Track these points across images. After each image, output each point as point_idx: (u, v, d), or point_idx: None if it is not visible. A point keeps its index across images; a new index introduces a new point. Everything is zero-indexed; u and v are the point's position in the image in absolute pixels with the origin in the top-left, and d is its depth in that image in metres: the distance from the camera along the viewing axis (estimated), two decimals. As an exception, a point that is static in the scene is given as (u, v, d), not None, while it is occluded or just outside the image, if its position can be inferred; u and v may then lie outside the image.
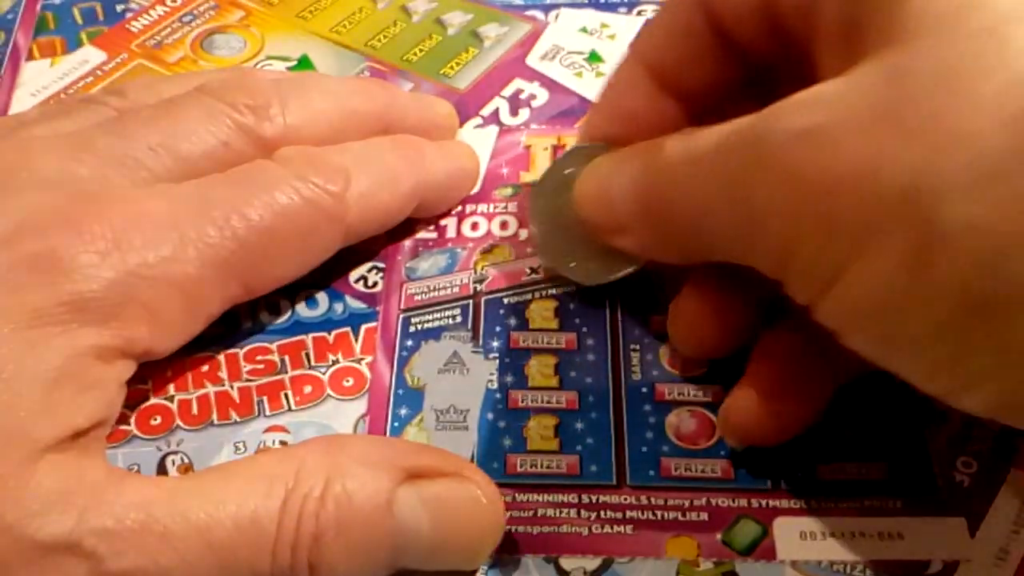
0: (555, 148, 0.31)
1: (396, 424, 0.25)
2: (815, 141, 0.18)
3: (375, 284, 0.28)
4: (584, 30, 0.35)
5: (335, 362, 0.26)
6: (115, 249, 0.21)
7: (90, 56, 0.36)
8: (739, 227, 0.20)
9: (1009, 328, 0.16)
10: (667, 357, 0.26)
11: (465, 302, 0.27)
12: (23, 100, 0.34)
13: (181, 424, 0.25)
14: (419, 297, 0.27)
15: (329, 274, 0.27)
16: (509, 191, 0.30)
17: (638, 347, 0.26)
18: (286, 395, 0.25)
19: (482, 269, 0.28)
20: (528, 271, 0.28)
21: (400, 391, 0.25)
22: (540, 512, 0.23)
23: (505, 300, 0.27)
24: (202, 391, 0.25)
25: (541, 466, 0.24)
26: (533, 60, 0.34)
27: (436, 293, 0.27)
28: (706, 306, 0.24)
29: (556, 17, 0.36)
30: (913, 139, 0.16)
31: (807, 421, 0.23)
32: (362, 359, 0.26)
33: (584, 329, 0.26)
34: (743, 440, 0.23)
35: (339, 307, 0.27)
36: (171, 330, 0.23)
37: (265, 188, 0.24)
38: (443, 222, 0.29)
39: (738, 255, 0.21)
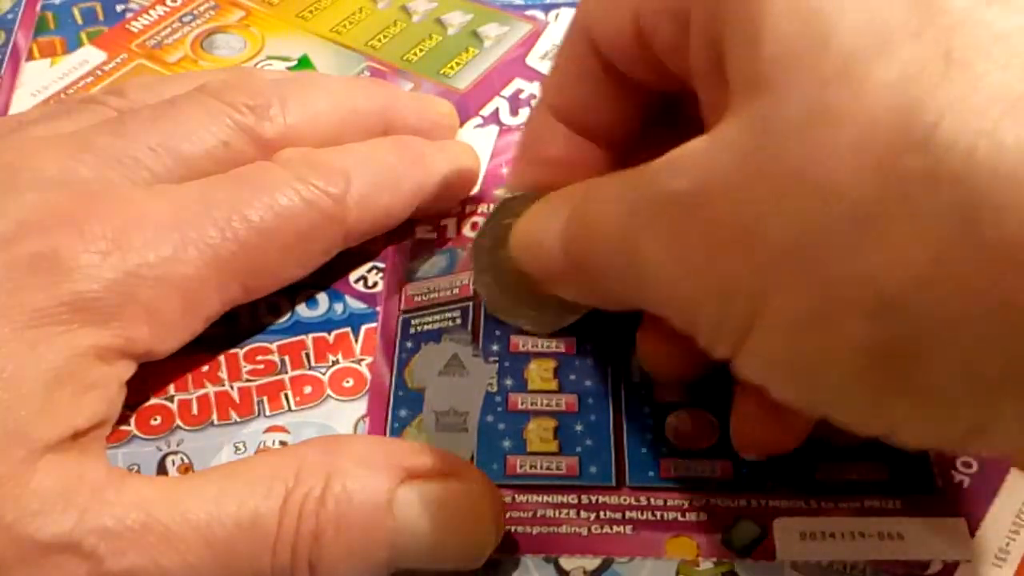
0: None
1: (396, 425, 0.25)
2: (693, 206, 0.17)
3: (375, 284, 0.28)
4: (584, 30, 0.35)
5: (335, 362, 0.26)
6: (116, 249, 0.21)
7: (90, 56, 0.36)
8: (639, 285, 0.20)
9: (914, 374, 0.16)
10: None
11: (465, 304, 0.27)
12: (23, 100, 0.34)
13: (181, 424, 0.25)
14: (419, 298, 0.27)
15: (329, 274, 0.27)
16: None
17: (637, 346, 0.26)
18: (286, 395, 0.25)
19: (482, 269, 0.28)
20: (528, 271, 0.28)
21: (400, 392, 0.25)
22: (540, 512, 0.23)
23: (505, 301, 0.27)
24: (202, 391, 0.25)
25: (541, 467, 0.24)
26: (533, 60, 0.34)
27: (436, 294, 0.27)
28: (665, 336, 0.23)
29: (556, 17, 0.36)
30: (784, 196, 0.16)
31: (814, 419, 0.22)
32: (362, 360, 0.26)
33: (583, 333, 0.26)
34: (761, 452, 0.23)
35: (339, 307, 0.27)
36: (171, 330, 0.23)
37: (266, 190, 0.24)
38: (443, 222, 0.29)
39: (653, 310, 0.20)
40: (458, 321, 0.27)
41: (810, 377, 0.17)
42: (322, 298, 0.27)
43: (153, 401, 0.25)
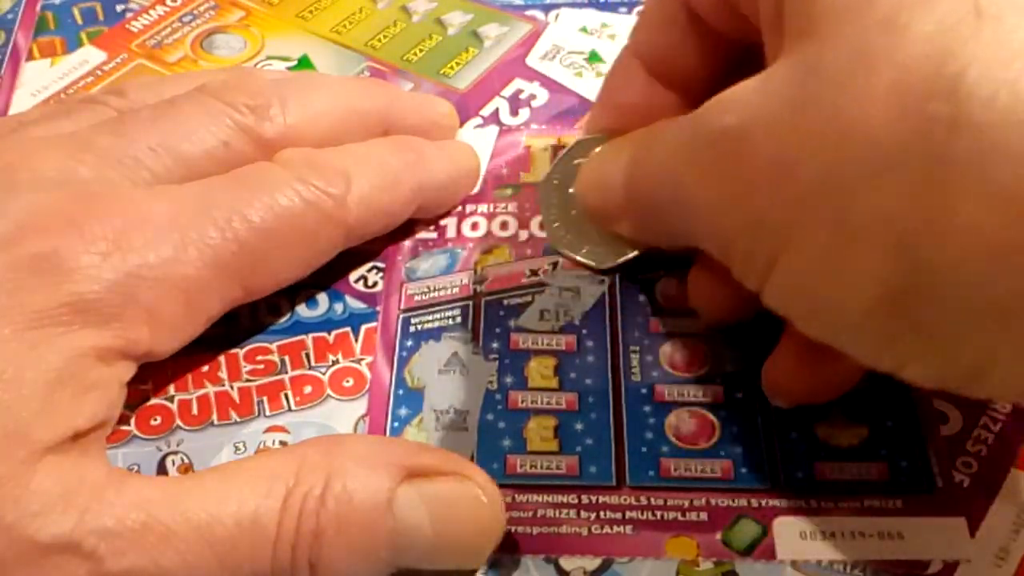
0: (555, 148, 0.31)
1: (396, 424, 0.25)
2: (737, 141, 0.19)
3: (375, 284, 0.28)
4: (584, 30, 0.35)
5: (335, 362, 0.26)
6: (116, 250, 0.21)
7: (90, 56, 0.36)
8: (691, 221, 0.21)
9: (926, 313, 0.17)
10: (667, 357, 0.26)
11: (465, 303, 0.27)
12: (23, 100, 0.34)
13: (181, 424, 0.25)
14: (419, 297, 0.27)
15: (329, 274, 0.27)
16: (509, 191, 0.30)
17: (638, 348, 0.26)
18: (286, 395, 0.25)
19: (482, 270, 0.28)
20: (528, 272, 0.28)
21: (400, 391, 0.25)
22: (540, 512, 0.23)
23: (505, 301, 0.27)
24: (202, 391, 0.25)
25: (541, 467, 0.24)
26: (533, 60, 0.34)
27: (436, 293, 0.27)
28: (715, 275, 0.24)
29: (556, 17, 0.36)
30: (820, 136, 0.17)
31: (850, 377, 0.23)
32: (362, 359, 0.26)
33: (584, 331, 0.26)
34: (789, 400, 0.24)
35: (339, 307, 0.27)
36: (172, 331, 0.23)
37: (266, 190, 0.24)
38: (443, 222, 0.29)
39: (700, 245, 0.22)
40: (458, 320, 0.27)
41: (828, 311, 0.18)
42: (322, 298, 0.27)
43: (153, 401, 0.25)
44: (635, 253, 0.26)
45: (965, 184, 0.15)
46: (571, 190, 0.27)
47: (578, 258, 0.27)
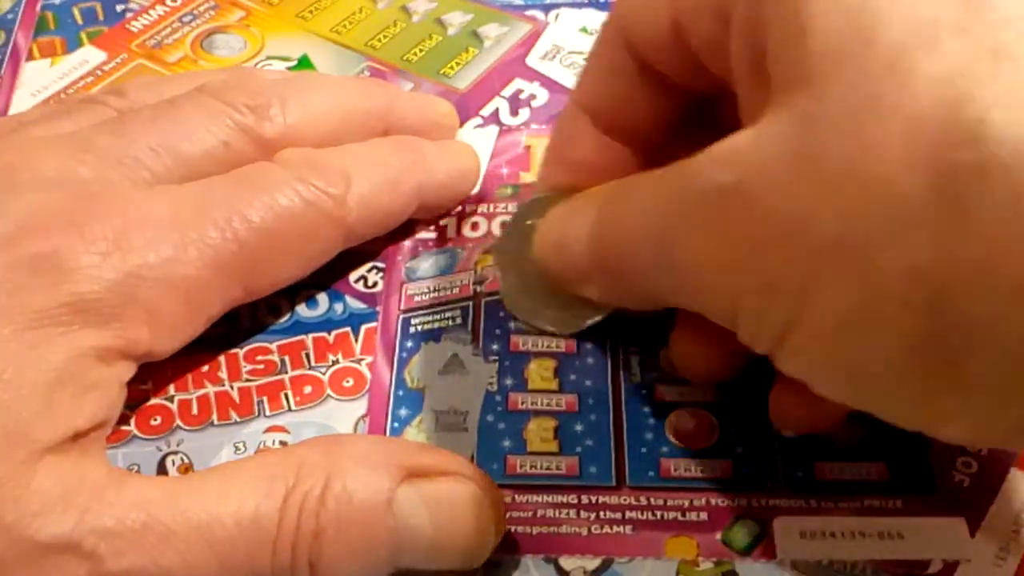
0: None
1: (396, 425, 0.25)
2: (737, 200, 0.17)
3: (375, 284, 0.28)
4: (584, 30, 0.35)
5: (335, 362, 0.26)
6: (116, 250, 0.21)
7: (90, 56, 0.36)
8: (681, 284, 0.20)
9: (964, 369, 0.16)
10: (666, 358, 0.25)
11: (465, 304, 0.27)
12: (23, 100, 0.34)
13: (181, 424, 0.25)
14: (419, 298, 0.27)
15: (329, 274, 0.27)
16: (509, 191, 0.30)
17: (637, 349, 0.26)
18: (286, 395, 0.25)
19: (482, 270, 0.28)
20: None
21: (400, 392, 0.25)
22: (540, 512, 0.23)
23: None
24: (202, 391, 0.25)
25: (541, 467, 0.24)
26: (533, 60, 0.34)
27: (436, 294, 0.27)
28: (702, 336, 0.23)
29: (556, 17, 0.36)
30: (833, 190, 0.16)
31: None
32: (362, 359, 0.26)
33: (584, 332, 0.26)
34: (797, 430, 0.23)
35: (339, 307, 0.27)
36: (172, 331, 0.23)
37: (266, 190, 0.24)
38: (443, 222, 0.29)
39: (690, 307, 0.20)
40: (458, 321, 0.27)
41: (855, 373, 0.17)
42: (322, 298, 0.27)
43: (153, 401, 0.25)
44: (601, 316, 0.25)
45: (1002, 233, 0.14)
46: (525, 251, 0.25)
47: (539, 326, 0.26)
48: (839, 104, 0.16)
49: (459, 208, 0.29)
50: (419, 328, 0.27)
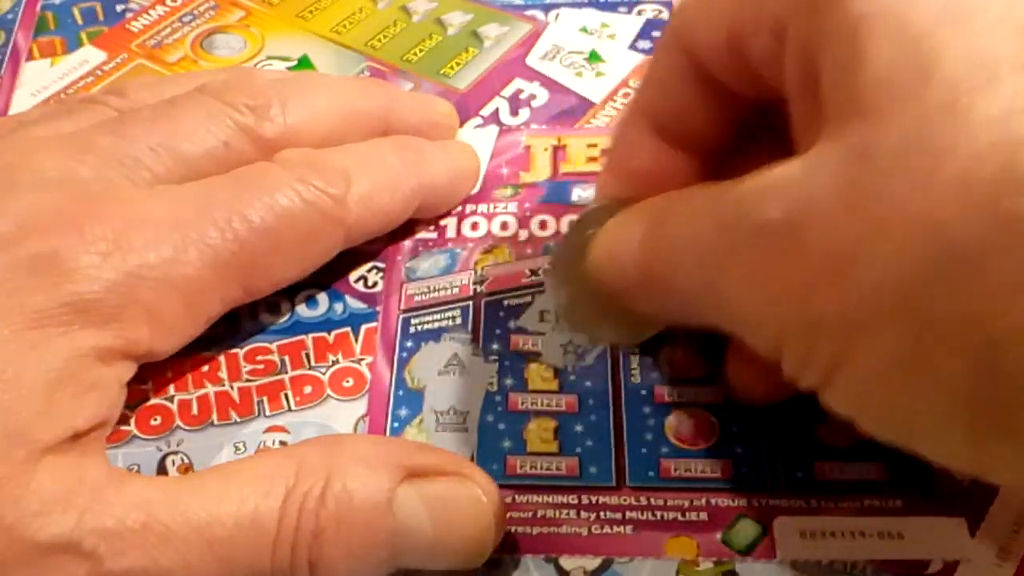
0: (555, 148, 0.31)
1: (396, 425, 0.25)
2: (785, 234, 0.17)
3: (375, 284, 0.28)
4: (584, 30, 0.35)
5: (335, 362, 0.26)
6: (116, 250, 0.21)
7: (90, 56, 0.36)
8: (727, 313, 0.19)
9: (1017, 419, 0.15)
10: (666, 358, 0.25)
11: (465, 303, 0.27)
12: (23, 100, 0.34)
13: (181, 424, 0.25)
14: (419, 298, 0.27)
15: (329, 274, 0.27)
16: (509, 191, 0.30)
17: (637, 350, 0.26)
18: (286, 395, 0.25)
19: (482, 270, 0.28)
20: (528, 272, 0.28)
21: (400, 392, 0.25)
22: (540, 513, 0.23)
23: (505, 302, 0.27)
24: (202, 391, 0.25)
25: (541, 468, 0.24)
26: (533, 60, 0.34)
27: (436, 294, 0.27)
28: (755, 367, 0.23)
29: (556, 17, 0.36)
30: (884, 230, 0.15)
31: None
32: (362, 359, 0.26)
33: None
34: (755, 402, 0.24)
35: (339, 307, 0.27)
36: (172, 331, 0.23)
37: (266, 190, 0.24)
38: (443, 222, 0.29)
39: (735, 333, 0.20)
40: (458, 320, 0.27)
41: (903, 416, 0.17)
42: (322, 298, 0.27)
43: (153, 401, 0.25)
44: (654, 332, 0.24)
45: None
46: (582, 263, 0.24)
47: (595, 338, 0.25)
48: (894, 141, 0.15)
49: (459, 208, 0.29)
50: (419, 328, 0.27)
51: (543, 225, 0.29)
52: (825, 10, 0.17)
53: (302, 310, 0.27)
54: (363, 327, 0.27)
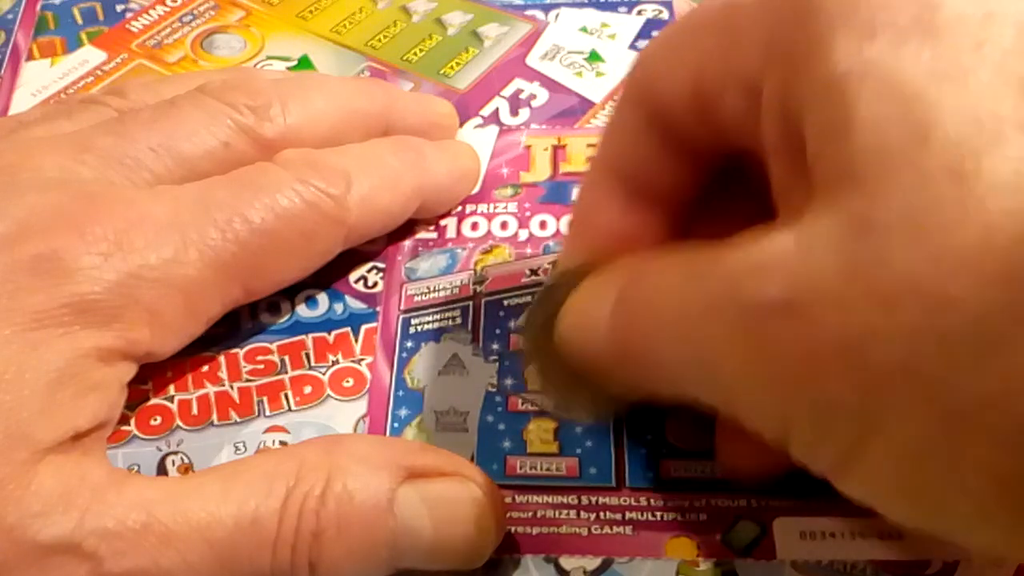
0: (555, 148, 0.31)
1: (396, 425, 0.25)
2: (786, 316, 0.15)
3: (375, 284, 0.28)
4: (584, 30, 0.35)
5: (335, 362, 0.26)
6: (117, 251, 0.21)
7: (90, 56, 0.36)
8: (723, 396, 0.18)
9: None
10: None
11: (465, 303, 0.27)
12: (23, 100, 0.34)
13: (181, 424, 0.25)
14: (419, 298, 0.27)
15: (329, 274, 0.27)
16: (509, 191, 0.30)
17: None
18: (286, 395, 0.25)
19: (482, 270, 0.28)
20: (528, 272, 0.28)
21: (400, 392, 0.25)
22: (540, 513, 0.23)
23: (505, 302, 0.27)
24: (202, 391, 0.25)
25: (541, 468, 0.24)
26: (533, 60, 0.34)
27: (436, 294, 0.27)
28: (746, 446, 0.21)
29: (556, 17, 0.36)
30: (897, 308, 0.14)
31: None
32: (362, 360, 0.26)
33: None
34: (747, 478, 0.23)
35: (339, 307, 0.27)
36: (172, 332, 0.23)
37: (267, 191, 0.24)
38: (443, 222, 0.29)
39: (735, 417, 0.18)
40: (458, 320, 0.27)
41: (933, 504, 0.16)
42: (322, 298, 0.27)
43: (153, 401, 0.25)
44: (634, 406, 0.23)
45: None
46: (554, 336, 0.22)
47: (574, 416, 0.24)
48: (897, 210, 0.14)
49: (459, 208, 0.29)
50: (419, 328, 0.27)
51: (543, 225, 0.29)
52: (804, 67, 0.16)
53: (302, 310, 0.27)
54: (363, 327, 0.27)
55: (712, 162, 0.21)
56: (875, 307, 0.14)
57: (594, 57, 0.34)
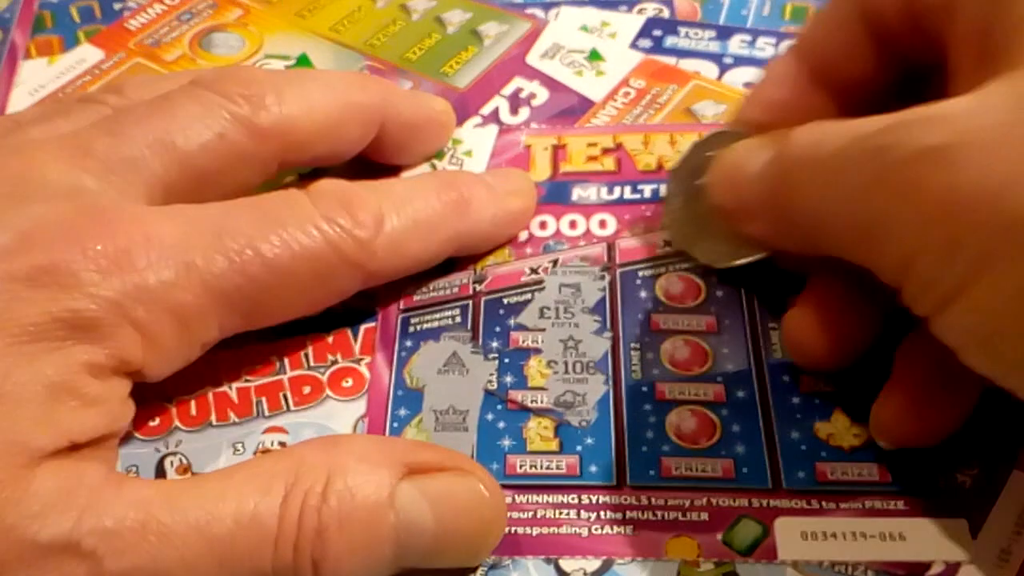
0: (555, 147, 0.31)
1: (395, 425, 0.25)
2: (940, 160, 0.18)
3: (374, 284, 0.28)
4: (584, 28, 0.35)
5: (334, 362, 0.26)
6: (116, 269, 0.21)
7: (88, 54, 0.36)
8: (858, 233, 0.20)
9: None
10: (668, 355, 0.25)
11: (464, 302, 0.27)
12: (21, 99, 0.34)
13: (179, 425, 0.25)
14: (418, 297, 0.27)
15: (328, 274, 0.27)
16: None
17: (638, 346, 0.26)
18: (285, 396, 0.25)
19: (482, 269, 0.28)
20: (528, 271, 0.28)
21: (399, 392, 0.25)
22: (540, 513, 0.23)
23: (505, 300, 0.27)
24: (200, 392, 0.25)
25: (541, 467, 0.24)
26: (533, 58, 0.34)
27: (435, 293, 0.27)
28: (820, 319, 0.23)
29: (556, 15, 0.36)
30: None
31: (956, 424, 0.23)
32: (361, 359, 0.26)
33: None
34: (894, 443, 0.23)
35: (338, 307, 0.27)
36: (165, 355, 0.22)
37: (288, 225, 0.23)
38: (443, 221, 0.29)
39: (857, 258, 0.21)
40: (457, 320, 0.27)
41: (1012, 351, 0.18)
42: (321, 297, 0.27)
43: (151, 402, 0.25)
44: (757, 256, 0.25)
45: None
46: (699, 182, 0.25)
47: (693, 254, 0.26)
48: None
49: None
50: (418, 327, 0.26)
51: (543, 225, 0.29)
52: None
53: (301, 309, 0.27)
54: (362, 327, 0.27)
55: (903, 65, 0.23)
56: (1016, 165, 0.17)
57: (594, 56, 0.34)
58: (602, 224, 0.29)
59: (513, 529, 0.23)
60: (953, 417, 0.23)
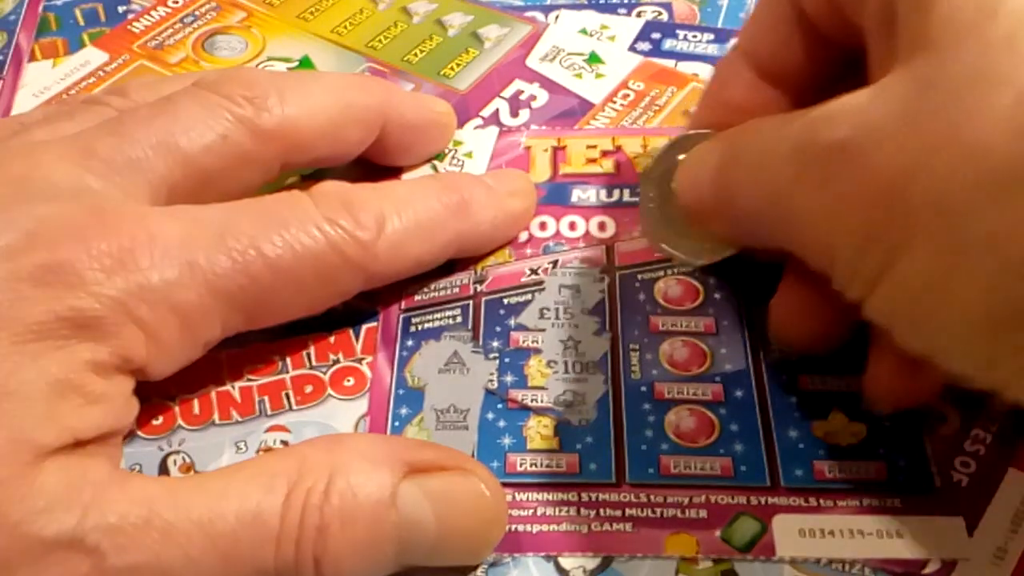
0: (555, 149, 0.31)
1: (396, 424, 0.25)
2: (845, 154, 0.19)
3: (376, 284, 0.28)
4: (584, 31, 0.36)
5: (336, 362, 0.26)
6: (120, 268, 0.21)
7: (92, 57, 0.36)
8: (788, 227, 0.21)
9: None
10: (666, 355, 0.26)
11: (465, 302, 0.27)
12: (26, 101, 0.34)
13: (183, 424, 0.25)
14: (419, 297, 0.27)
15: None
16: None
17: (637, 347, 0.26)
18: (287, 395, 0.25)
19: (482, 270, 0.28)
20: (528, 272, 0.28)
21: (400, 391, 0.25)
22: (540, 511, 0.23)
23: (505, 300, 0.27)
24: (203, 391, 0.26)
25: (541, 465, 0.24)
26: (533, 61, 0.34)
27: (436, 293, 0.27)
28: (803, 303, 0.24)
29: (556, 18, 0.36)
30: (937, 152, 0.17)
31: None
32: (363, 359, 0.26)
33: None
34: (890, 406, 0.24)
35: (340, 306, 0.27)
36: (168, 353, 0.22)
37: (290, 226, 0.23)
38: (443, 222, 0.29)
39: (794, 251, 0.22)
40: (458, 319, 0.27)
41: (932, 326, 0.18)
42: (323, 297, 0.27)
43: (155, 401, 0.25)
44: (729, 253, 0.25)
45: None
46: (671, 184, 0.26)
47: (670, 251, 0.26)
48: (955, 71, 0.17)
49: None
50: (419, 327, 0.27)
51: (543, 226, 0.29)
52: None
53: (303, 309, 0.27)
54: (364, 326, 0.27)
55: (833, 53, 0.24)
56: (920, 150, 0.17)
57: (594, 59, 0.34)
58: (601, 227, 0.29)
59: (513, 527, 0.23)
60: (940, 375, 0.23)
